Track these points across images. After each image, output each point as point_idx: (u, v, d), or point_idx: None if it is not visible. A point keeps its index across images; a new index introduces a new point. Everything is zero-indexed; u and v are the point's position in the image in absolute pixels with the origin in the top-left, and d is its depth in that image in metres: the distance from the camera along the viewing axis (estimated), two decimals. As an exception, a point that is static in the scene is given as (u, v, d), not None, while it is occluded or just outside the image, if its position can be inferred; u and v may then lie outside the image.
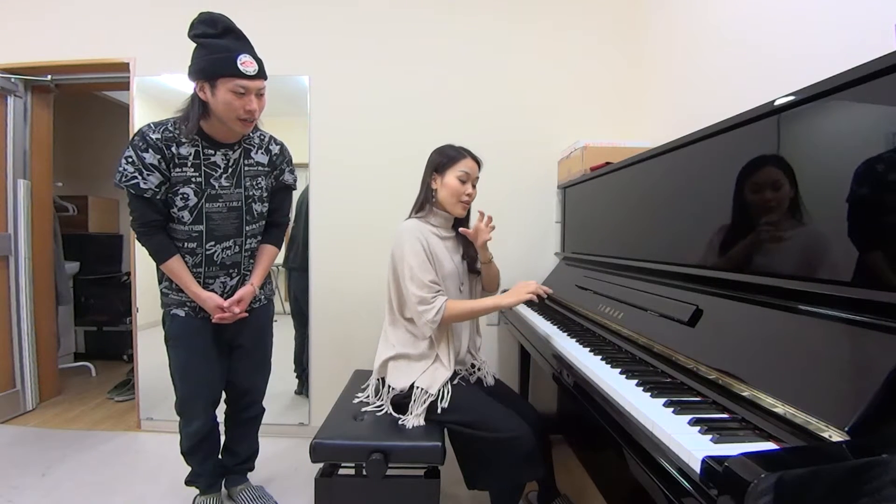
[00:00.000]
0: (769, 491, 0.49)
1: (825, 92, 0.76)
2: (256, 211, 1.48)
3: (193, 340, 1.47)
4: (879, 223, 0.68)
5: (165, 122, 1.36)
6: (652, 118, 2.03)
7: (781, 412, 0.68)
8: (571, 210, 2.09)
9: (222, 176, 1.40)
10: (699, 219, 1.10)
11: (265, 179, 1.50)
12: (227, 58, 1.27)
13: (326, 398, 1.81)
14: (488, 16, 2.21)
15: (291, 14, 2.22)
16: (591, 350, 1.20)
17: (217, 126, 1.37)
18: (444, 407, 1.29)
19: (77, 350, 3.43)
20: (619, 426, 0.86)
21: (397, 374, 1.37)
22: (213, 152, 1.39)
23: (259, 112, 1.37)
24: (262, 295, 1.59)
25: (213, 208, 1.40)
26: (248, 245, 1.49)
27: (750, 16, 1.39)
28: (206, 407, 1.52)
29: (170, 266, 1.38)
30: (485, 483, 1.32)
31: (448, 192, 1.40)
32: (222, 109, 1.31)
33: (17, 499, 1.70)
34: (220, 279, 1.46)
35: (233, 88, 1.28)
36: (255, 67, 1.30)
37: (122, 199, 3.76)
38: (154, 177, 1.31)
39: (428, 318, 1.29)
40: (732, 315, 0.92)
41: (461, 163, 1.40)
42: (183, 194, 1.36)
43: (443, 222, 1.46)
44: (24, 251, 2.46)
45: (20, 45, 2.31)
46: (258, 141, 1.49)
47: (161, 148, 1.31)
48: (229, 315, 1.43)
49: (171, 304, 1.47)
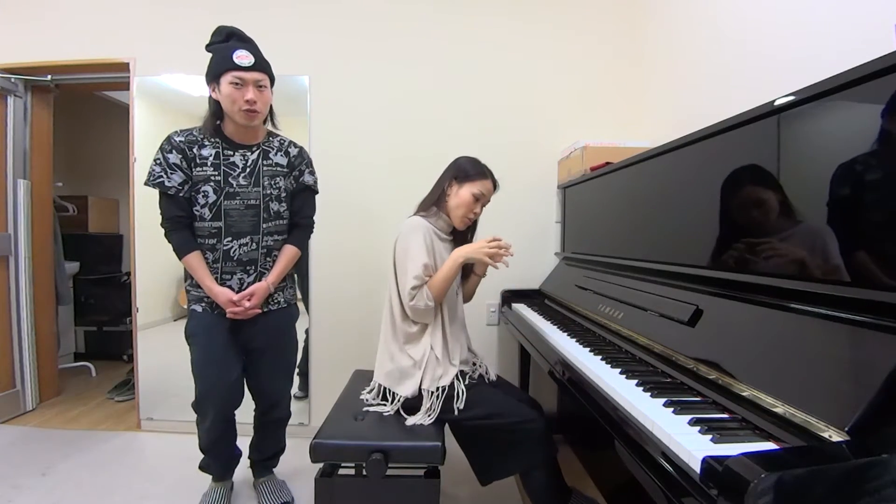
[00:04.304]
0: (769, 491, 0.49)
1: (825, 92, 0.76)
2: (273, 210, 1.53)
3: (209, 339, 1.50)
4: (879, 223, 0.68)
5: (192, 128, 1.49)
6: (652, 118, 2.03)
7: (781, 412, 0.68)
8: (571, 210, 2.09)
9: (240, 175, 1.48)
10: (699, 219, 1.10)
11: (284, 180, 1.55)
12: (226, 56, 1.39)
13: (326, 398, 1.81)
14: (488, 16, 2.22)
15: (291, 14, 2.22)
16: (592, 350, 1.20)
17: (234, 127, 1.48)
18: (459, 407, 1.31)
19: (77, 350, 3.43)
20: (619, 426, 0.86)
21: (403, 382, 1.37)
22: (232, 153, 1.48)
23: (262, 105, 1.45)
24: (280, 297, 1.60)
25: (230, 205, 1.47)
26: (265, 242, 1.52)
27: (750, 16, 1.39)
28: (219, 406, 1.52)
29: (189, 261, 1.45)
30: (505, 470, 1.37)
31: (459, 202, 1.43)
32: (227, 104, 1.41)
33: (17, 499, 1.70)
34: (238, 276, 1.49)
35: (231, 80, 1.38)
36: (250, 60, 1.40)
37: (123, 199, 3.78)
38: (177, 175, 1.42)
39: (421, 303, 1.32)
40: (732, 315, 0.92)
41: (481, 182, 1.44)
42: (204, 192, 1.45)
43: (444, 227, 1.48)
44: (24, 251, 2.46)
45: (20, 45, 2.31)
46: (277, 144, 1.57)
47: (183, 149, 1.43)
48: (241, 309, 1.46)
49: (192, 301, 1.53)
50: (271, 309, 1.57)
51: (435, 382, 1.33)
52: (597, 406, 0.97)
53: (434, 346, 1.37)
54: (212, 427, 1.54)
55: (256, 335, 1.56)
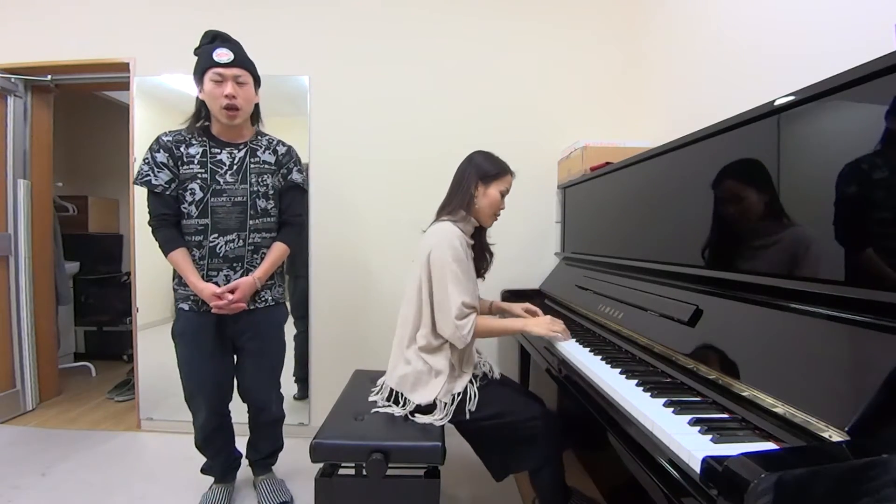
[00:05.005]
0: (769, 491, 0.49)
1: (825, 92, 0.76)
2: (260, 206, 1.54)
3: (195, 337, 1.51)
4: (879, 223, 0.68)
5: (182, 128, 1.51)
6: (651, 118, 2.03)
7: (781, 412, 0.68)
8: (571, 210, 2.09)
9: (227, 172, 1.49)
10: (699, 219, 1.10)
11: (272, 178, 1.56)
12: (207, 56, 1.43)
13: (326, 398, 1.81)
14: (488, 15, 2.22)
15: (291, 14, 2.22)
16: (592, 350, 1.20)
17: (220, 126, 1.50)
18: (471, 410, 1.31)
19: (77, 350, 3.43)
20: (619, 426, 0.86)
21: (417, 389, 1.35)
22: (219, 151, 1.50)
23: (243, 100, 1.45)
24: (268, 295, 1.59)
25: (217, 203, 1.48)
26: (252, 239, 1.52)
27: (750, 16, 1.39)
28: (210, 403, 1.54)
29: (174, 257, 1.46)
30: (518, 465, 1.38)
31: (488, 203, 1.41)
32: (209, 101, 1.45)
33: (17, 499, 1.70)
34: (224, 272, 1.49)
35: (212, 77, 1.42)
36: (229, 56, 1.43)
37: (123, 199, 3.78)
38: (164, 174, 1.45)
39: (461, 333, 1.29)
40: (732, 315, 0.92)
41: (505, 178, 1.43)
42: (191, 189, 1.47)
43: (470, 230, 1.44)
44: (24, 251, 2.46)
45: (20, 45, 2.31)
46: (266, 143, 1.58)
47: (170, 148, 1.46)
48: (224, 303, 1.44)
49: (178, 300, 1.54)
50: (258, 307, 1.56)
51: (450, 393, 1.33)
52: (597, 406, 0.97)
53: (453, 359, 1.36)
54: (205, 423, 1.56)
55: (242, 333, 1.55)
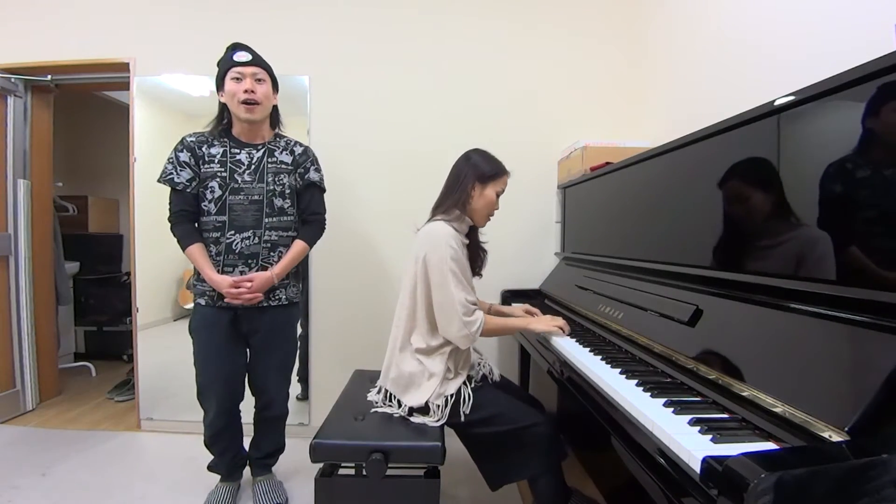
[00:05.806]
0: (769, 491, 0.49)
1: (825, 92, 0.76)
2: (277, 205, 1.57)
3: (210, 333, 1.55)
4: (879, 223, 0.68)
5: (205, 131, 1.58)
6: (652, 118, 2.03)
7: (781, 412, 0.68)
8: (571, 210, 2.09)
9: (245, 172, 1.55)
10: (699, 219, 1.10)
11: (288, 177, 1.61)
12: (227, 59, 1.52)
13: (326, 398, 1.81)
14: (489, 17, 2.22)
15: (291, 15, 2.22)
16: (592, 350, 1.20)
17: (240, 127, 1.57)
18: (465, 412, 1.30)
19: (77, 350, 3.43)
20: (619, 426, 0.86)
21: (409, 390, 1.35)
22: (239, 151, 1.56)
23: (262, 96, 1.52)
24: (283, 294, 1.61)
25: (235, 200, 1.53)
26: (268, 237, 1.55)
27: (750, 16, 1.39)
28: (220, 399, 1.56)
29: (191, 252, 1.51)
30: (516, 474, 1.34)
31: (484, 203, 1.41)
32: (229, 101, 1.51)
33: (17, 499, 1.70)
34: (239, 268, 1.53)
35: (232, 76, 1.50)
36: (247, 56, 1.51)
37: (123, 199, 3.78)
38: (186, 172, 1.52)
39: (470, 330, 1.28)
40: (732, 315, 0.92)
41: (502, 179, 1.43)
42: (211, 188, 1.53)
43: (465, 229, 1.43)
44: (24, 251, 2.46)
45: (20, 45, 2.31)
46: (283, 144, 1.64)
47: (193, 148, 1.54)
48: (238, 292, 1.48)
49: (196, 294, 1.58)
50: (271, 304, 1.58)
51: (442, 395, 1.32)
52: (597, 406, 0.97)
53: (450, 362, 1.35)
54: (214, 420, 1.57)
55: (255, 331, 1.58)
